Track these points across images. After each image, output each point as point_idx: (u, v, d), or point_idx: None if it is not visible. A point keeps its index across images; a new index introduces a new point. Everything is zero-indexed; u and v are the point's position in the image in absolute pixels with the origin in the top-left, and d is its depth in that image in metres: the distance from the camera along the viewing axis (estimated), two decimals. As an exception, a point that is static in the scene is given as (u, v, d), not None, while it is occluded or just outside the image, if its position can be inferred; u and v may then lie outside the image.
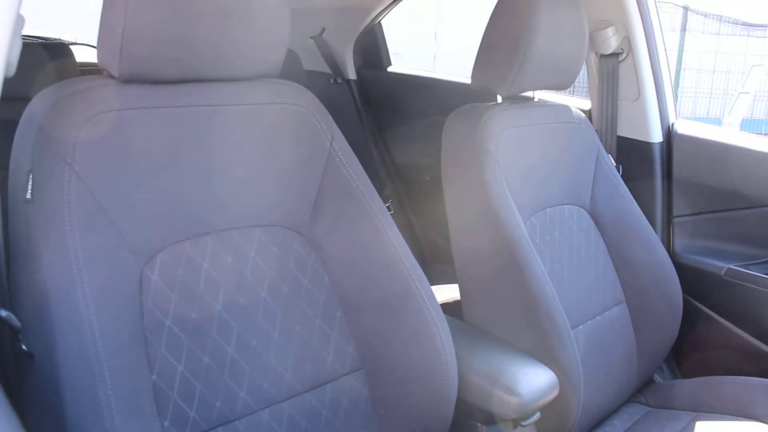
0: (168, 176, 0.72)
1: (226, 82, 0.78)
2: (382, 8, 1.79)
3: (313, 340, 0.81)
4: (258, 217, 0.80)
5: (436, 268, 1.04)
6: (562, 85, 1.19)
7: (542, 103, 1.23)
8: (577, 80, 1.22)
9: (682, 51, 9.15)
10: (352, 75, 1.91)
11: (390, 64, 1.95)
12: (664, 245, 1.28)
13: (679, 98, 9.08)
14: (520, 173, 1.09)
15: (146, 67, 0.70)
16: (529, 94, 1.21)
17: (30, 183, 0.63)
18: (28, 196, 0.63)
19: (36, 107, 0.67)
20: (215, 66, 0.75)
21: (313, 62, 1.90)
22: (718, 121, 8.23)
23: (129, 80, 0.71)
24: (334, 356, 0.82)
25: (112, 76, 0.71)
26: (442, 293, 0.99)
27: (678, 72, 9.25)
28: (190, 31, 0.70)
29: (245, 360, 0.75)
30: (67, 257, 0.63)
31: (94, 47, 0.77)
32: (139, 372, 0.67)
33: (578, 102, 1.53)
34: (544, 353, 0.94)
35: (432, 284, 0.87)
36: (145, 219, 0.70)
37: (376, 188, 0.89)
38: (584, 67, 1.29)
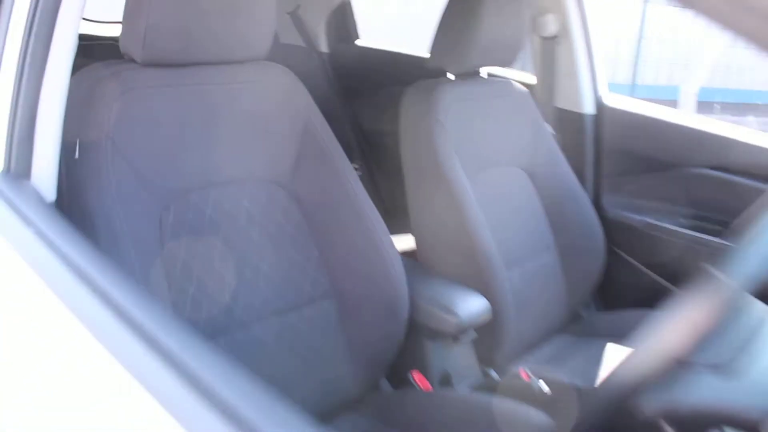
0: (181, 140, 0.91)
1: (223, 65, 0.97)
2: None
3: (294, 271, 1.01)
4: (250, 173, 1.00)
5: (396, 220, 1.24)
6: (505, 62, 1.39)
7: (489, 79, 1.44)
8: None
9: (644, 21, 9.35)
10: (324, 48, 2.08)
11: (358, 37, 2.13)
12: (592, 202, 1.50)
13: (640, 67, 9.33)
14: (467, 139, 1.29)
15: (163, 53, 0.88)
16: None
17: (77, 147, 0.82)
18: (77, 156, 0.82)
19: (77, 86, 0.84)
20: (215, 52, 0.94)
21: (291, 37, 2.06)
22: (676, 89, 8.48)
23: (148, 64, 0.89)
24: (311, 285, 1.03)
25: (133, 60, 0.89)
26: (401, 241, 1.20)
27: (639, 41, 9.47)
28: (196, 23, 0.89)
29: (240, 284, 0.95)
30: (106, 205, 0.82)
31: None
32: (161, 293, 0.87)
33: (527, 77, 1.73)
34: (481, 286, 1.17)
35: (392, 233, 1.08)
36: (163, 174, 0.89)
37: (346, 152, 1.09)
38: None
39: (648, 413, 0.63)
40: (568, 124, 1.62)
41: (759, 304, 0.74)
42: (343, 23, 2.10)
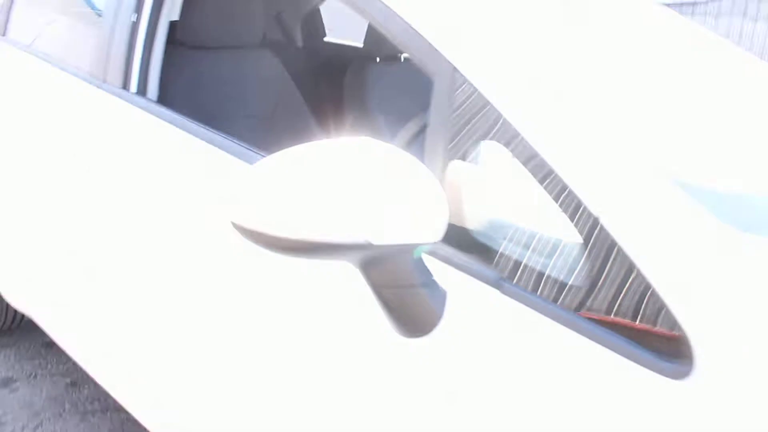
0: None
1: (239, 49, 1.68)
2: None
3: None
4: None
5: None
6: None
7: (408, 62, 2.15)
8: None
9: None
10: (300, 44, 2.79)
11: (325, 35, 2.84)
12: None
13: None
14: (394, 109, 2.00)
15: (204, 38, 1.59)
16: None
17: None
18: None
19: None
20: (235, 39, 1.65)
21: (276, 34, 2.76)
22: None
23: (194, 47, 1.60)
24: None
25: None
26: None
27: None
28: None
29: None
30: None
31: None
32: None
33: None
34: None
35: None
36: None
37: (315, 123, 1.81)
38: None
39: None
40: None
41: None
42: (313, 24, 2.81)
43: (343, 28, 3.12)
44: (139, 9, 1.46)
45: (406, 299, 0.83)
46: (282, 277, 1.04)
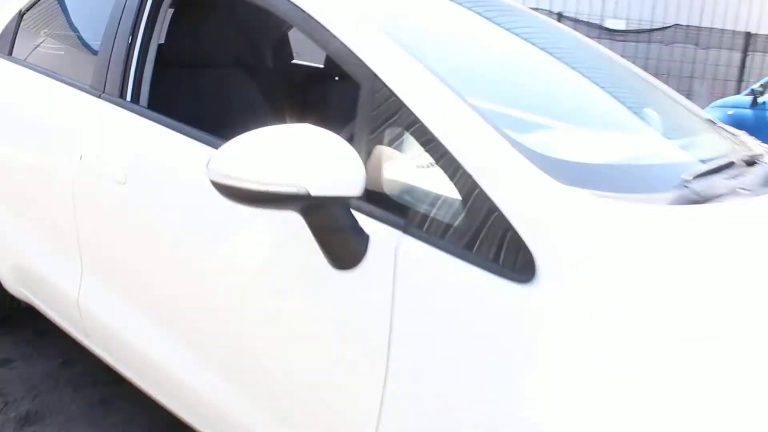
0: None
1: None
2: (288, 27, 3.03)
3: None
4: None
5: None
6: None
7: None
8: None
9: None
10: (270, 65, 3.13)
11: (293, 58, 3.19)
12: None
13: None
14: (347, 118, 2.34)
15: (186, 58, 1.91)
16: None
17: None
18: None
19: None
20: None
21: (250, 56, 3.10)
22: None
23: (178, 65, 1.92)
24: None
25: None
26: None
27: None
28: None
29: None
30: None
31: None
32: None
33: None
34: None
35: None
36: None
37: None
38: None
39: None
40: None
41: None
42: (282, 48, 3.15)
43: (310, 53, 3.46)
44: (134, 34, 1.78)
45: (337, 240, 1.15)
46: (253, 234, 1.36)
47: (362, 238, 1.17)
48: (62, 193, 1.85)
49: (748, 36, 11.42)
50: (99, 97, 1.81)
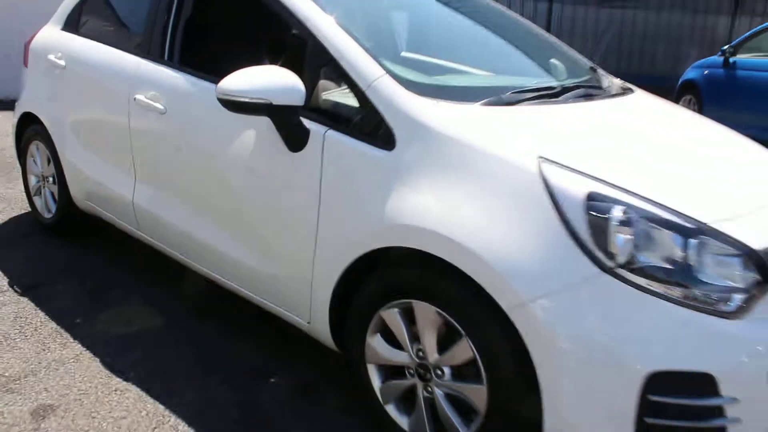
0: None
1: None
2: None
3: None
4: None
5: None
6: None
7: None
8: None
9: (551, 17, 11.34)
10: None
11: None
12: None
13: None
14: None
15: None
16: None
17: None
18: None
19: None
20: None
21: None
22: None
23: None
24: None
25: None
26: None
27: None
28: None
29: None
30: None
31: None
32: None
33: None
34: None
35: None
36: None
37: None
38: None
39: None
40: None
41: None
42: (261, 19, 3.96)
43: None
44: (168, 12, 2.64)
45: (291, 132, 2.00)
46: (244, 137, 2.21)
47: (305, 132, 2.00)
48: (121, 125, 2.72)
49: (737, 0, 11.90)
50: (145, 57, 2.67)
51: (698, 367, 1.53)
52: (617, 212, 1.56)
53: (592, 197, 1.59)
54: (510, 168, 1.68)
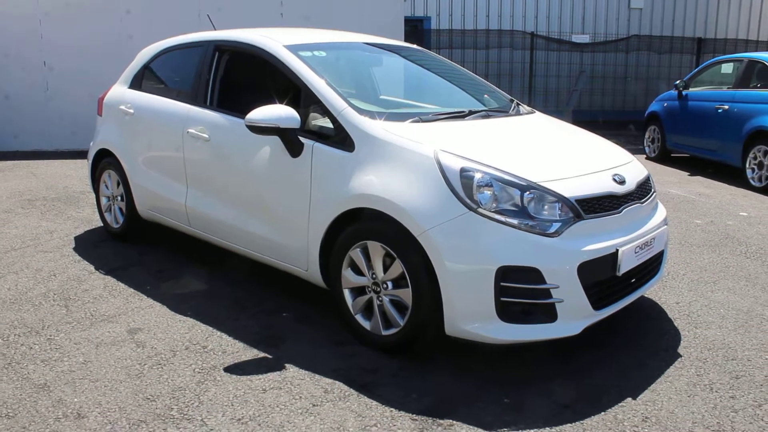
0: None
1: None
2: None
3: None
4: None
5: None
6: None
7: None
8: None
9: (534, 62, 12.59)
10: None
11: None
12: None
13: (533, 96, 12.51)
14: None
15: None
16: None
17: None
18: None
19: None
20: None
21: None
22: (560, 113, 11.60)
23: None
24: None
25: None
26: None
27: (531, 78, 12.68)
28: None
29: None
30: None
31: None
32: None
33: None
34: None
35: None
36: None
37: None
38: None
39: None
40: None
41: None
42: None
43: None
44: (209, 72, 3.86)
45: (292, 144, 3.17)
46: (263, 152, 3.38)
47: (301, 144, 3.17)
48: (177, 149, 3.92)
49: (699, 41, 13.14)
50: (193, 104, 3.89)
51: (529, 263, 2.62)
52: (478, 176, 2.69)
53: (464, 169, 2.72)
54: (420, 156, 2.82)
